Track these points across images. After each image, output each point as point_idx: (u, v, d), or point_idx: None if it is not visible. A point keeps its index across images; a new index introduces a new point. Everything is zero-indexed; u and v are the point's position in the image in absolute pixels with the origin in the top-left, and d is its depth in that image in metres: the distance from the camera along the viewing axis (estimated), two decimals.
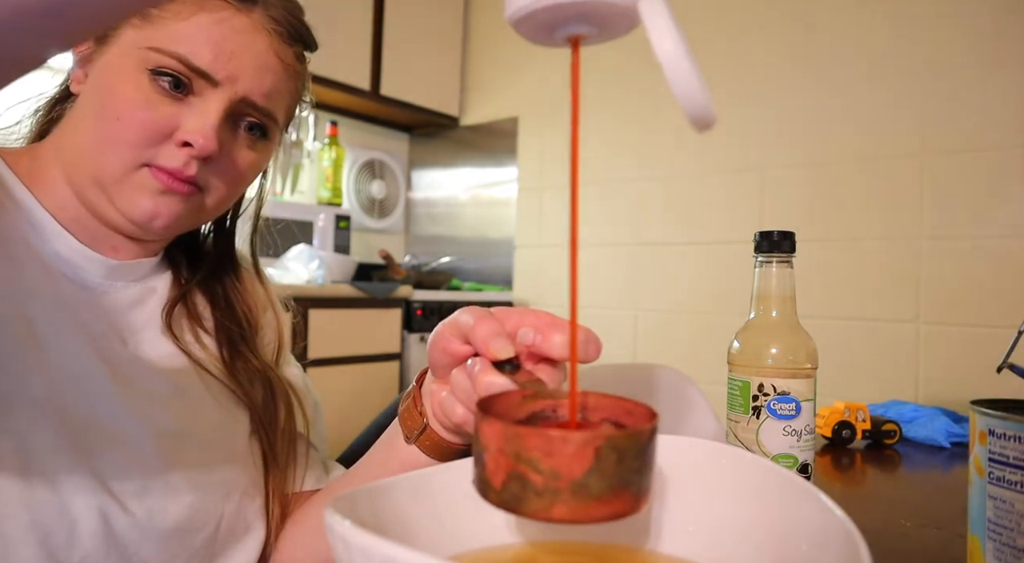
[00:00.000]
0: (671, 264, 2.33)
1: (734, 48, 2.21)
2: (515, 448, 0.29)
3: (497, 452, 0.30)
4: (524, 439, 0.29)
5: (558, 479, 0.28)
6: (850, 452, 0.96)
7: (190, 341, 0.61)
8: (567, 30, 0.30)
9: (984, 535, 0.42)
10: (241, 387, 0.62)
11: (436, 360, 0.47)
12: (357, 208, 2.87)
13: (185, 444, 0.55)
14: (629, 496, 0.30)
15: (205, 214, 0.58)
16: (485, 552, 0.37)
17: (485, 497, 0.31)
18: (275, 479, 0.61)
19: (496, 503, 0.30)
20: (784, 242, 0.60)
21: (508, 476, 0.29)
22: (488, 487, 0.30)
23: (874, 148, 1.95)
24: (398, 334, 2.32)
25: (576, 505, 0.29)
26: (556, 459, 0.28)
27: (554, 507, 0.29)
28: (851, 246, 1.98)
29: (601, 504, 0.29)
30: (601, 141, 2.52)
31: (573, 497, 0.29)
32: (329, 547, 0.29)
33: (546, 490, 0.29)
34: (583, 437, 0.28)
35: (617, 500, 0.29)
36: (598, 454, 0.28)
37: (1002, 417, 0.41)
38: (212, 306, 0.65)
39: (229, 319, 0.64)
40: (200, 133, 0.52)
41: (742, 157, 2.19)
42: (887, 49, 1.94)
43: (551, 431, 0.29)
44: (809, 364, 0.59)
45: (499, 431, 0.30)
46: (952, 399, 1.69)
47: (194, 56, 0.52)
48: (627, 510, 0.30)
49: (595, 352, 0.41)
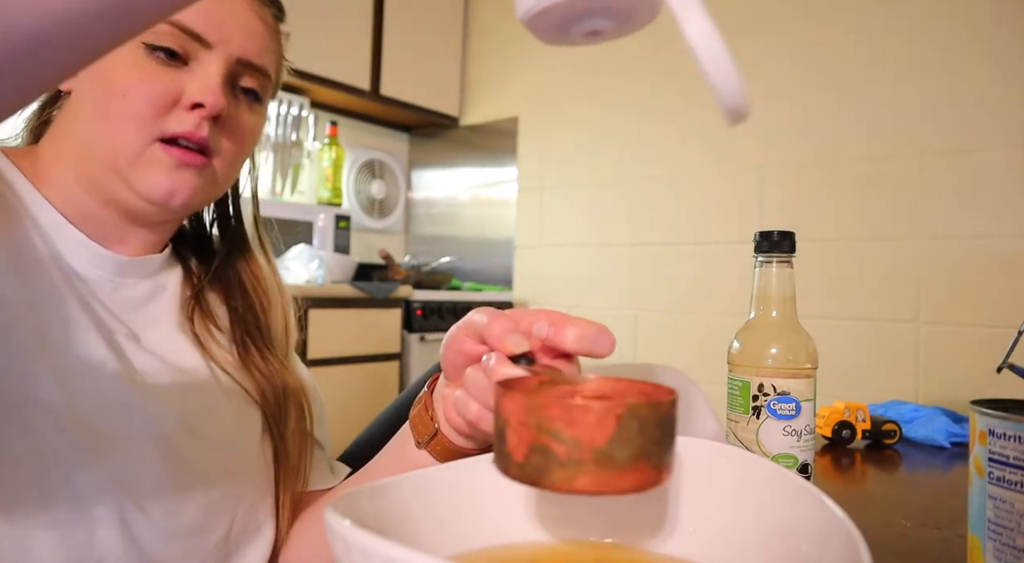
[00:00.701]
0: (671, 264, 2.33)
1: (735, 48, 2.20)
2: (537, 419, 0.29)
3: (519, 425, 0.30)
4: (546, 409, 0.29)
5: (581, 449, 0.29)
6: (850, 452, 0.96)
7: (204, 338, 0.61)
8: (585, 25, 0.29)
9: (984, 535, 0.42)
10: (254, 385, 0.62)
11: (450, 361, 0.47)
12: (357, 208, 2.87)
13: (199, 444, 0.55)
14: (650, 467, 0.30)
15: (218, 186, 0.59)
16: (485, 552, 0.37)
17: (507, 473, 0.31)
18: (286, 478, 0.62)
19: (518, 477, 0.30)
20: (784, 242, 0.60)
21: (530, 448, 0.30)
22: (510, 462, 0.30)
23: (874, 148, 1.95)
24: (398, 334, 2.32)
25: (599, 475, 0.29)
26: (578, 428, 0.28)
27: (577, 477, 0.29)
28: (851, 246, 1.98)
29: (624, 474, 0.29)
30: (602, 141, 2.52)
31: (596, 467, 0.29)
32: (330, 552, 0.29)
33: (569, 460, 0.29)
34: (604, 406, 0.29)
35: (639, 470, 0.29)
36: (620, 422, 0.28)
37: (1002, 417, 0.41)
38: (227, 298, 0.65)
39: (244, 307, 0.65)
40: (208, 92, 0.53)
41: (742, 157, 2.19)
42: (887, 49, 1.94)
43: (574, 399, 0.29)
44: (809, 364, 0.59)
45: (521, 403, 0.30)
46: (952, 399, 1.68)
47: (186, 20, 0.53)
48: (649, 481, 0.30)
49: (609, 345, 0.41)
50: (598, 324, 0.41)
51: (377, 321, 2.26)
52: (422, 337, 2.37)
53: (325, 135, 2.70)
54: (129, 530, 0.49)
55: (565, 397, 0.31)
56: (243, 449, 0.59)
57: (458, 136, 3.01)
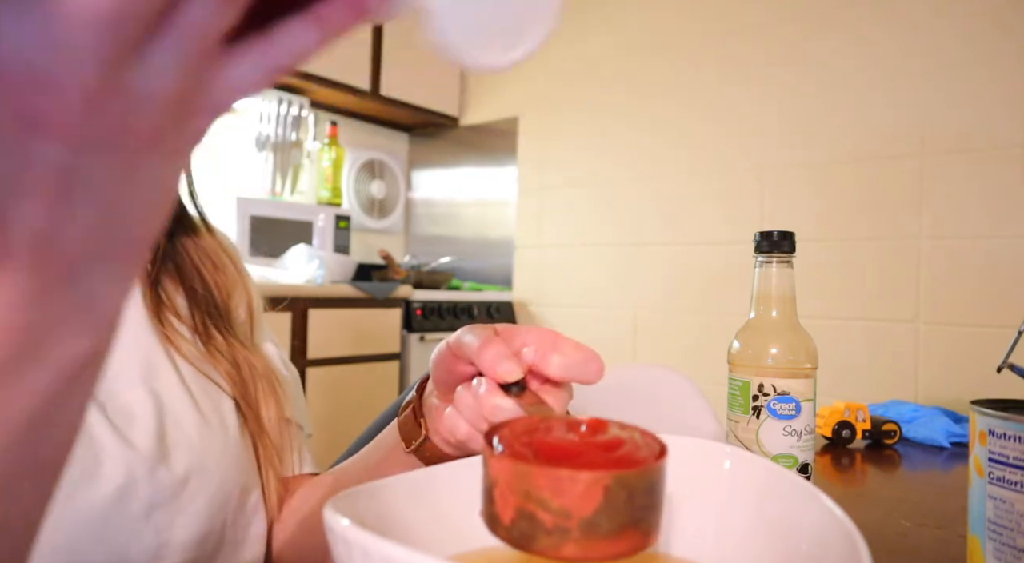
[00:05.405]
0: (671, 264, 2.33)
1: (734, 47, 2.21)
2: (524, 486, 0.29)
3: (506, 488, 0.30)
4: (534, 477, 0.29)
5: (568, 518, 0.28)
6: (850, 452, 0.95)
7: (172, 334, 0.56)
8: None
9: (984, 535, 0.42)
10: (223, 374, 0.58)
11: (440, 378, 0.46)
12: (357, 208, 2.87)
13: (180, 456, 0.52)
14: (639, 533, 0.29)
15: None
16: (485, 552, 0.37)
17: (494, 532, 0.31)
18: (268, 462, 0.59)
19: (505, 539, 0.30)
20: (784, 242, 0.60)
21: (517, 513, 0.29)
22: (497, 522, 0.30)
23: (874, 148, 1.95)
24: (398, 334, 2.32)
25: (586, 544, 0.29)
26: (566, 499, 0.28)
27: (564, 546, 0.29)
28: (851, 246, 1.98)
29: (611, 542, 0.29)
30: (602, 141, 2.52)
31: (583, 536, 0.28)
32: (323, 538, 0.29)
33: (555, 529, 0.28)
34: (592, 476, 0.28)
35: (627, 538, 0.29)
36: (607, 493, 0.28)
37: (1002, 417, 0.41)
38: (182, 280, 0.60)
39: (202, 288, 0.60)
40: None
41: (742, 157, 2.19)
42: (887, 49, 1.94)
43: (561, 471, 0.28)
44: (809, 364, 0.59)
45: (508, 468, 0.30)
46: (952, 399, 1.69)
47: None
48: (637, 547, 0.30)
49: (596, 372, 0.40)
50: (586, 350, 0.40)
51: (377, 321, 2.26)
52: (422, 337, 2.37)
53: (325, 135, 2.70)
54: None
55: (552, 462, 0.30)
56: (220, 448, 0.56)
57: (458, 136, 3.01)
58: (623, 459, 0.32)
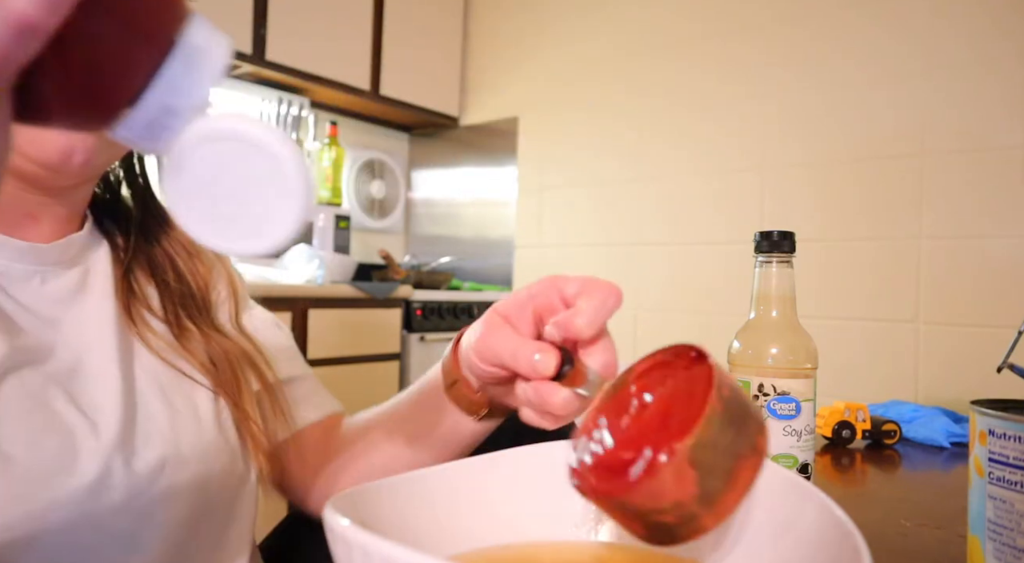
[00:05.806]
0: (671, 264, 2.33)
1: (734, 47, 2.21)
2: (632, 509, 0.30)
3: (621, 519, 0.31)
4: (631, 498, 0.29)
5: (682, 506, 0.29)
6: (850, 452, 0.95)
7: (141, 329, 0.56)
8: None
9: (984, 535, 0.42)
10: (199, 368, 0.57)
11: (481, 375, 0.50)
12: (357, 208, 2.87)
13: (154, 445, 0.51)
14: (749, 454, 0.30)
15: (118, 145, 0.52)
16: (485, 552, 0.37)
17: (647, 543, 0.32)
18: (255, 440, 0.58)
19: (657, 545, 0.31)
20: (784, 242, 0.60)
21: (645, 527, 0.30)
22: (640, 538, 0.31)
23: (874, 148, 1.95)
24: (398, 334, 2.32)
25: (715, 507, 0.29)
26: (666, 495, 0.29)
27: (700, 523, 0.29)
28: (851, 246, 1.98)
29: (731, 487, 0.29)
30: (602, 141, 2.52)
31: (706, 506, 0.29)
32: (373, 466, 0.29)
33: (683, 519, 0.29)
34: (672, 464, 0.28)
35: (743, 470, 0.30)
36: (694, 462, 0.28)
37: (1002, 417, 0.41)
38: (153, 272, 0.59)
39: (175, 279, 0.59)
40: None
41: (742, 157, 2.19)
42: (887, 49, 1.94)
43: (642, 482, 0.29)
44: (809, 364, 0.59)
45: (606, 507, 0.31)
46: (952, 399, 1.69)
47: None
48: (756, 465, 0.30)
49: (615, 302, 0.46)
50: (593, 290, 0.46)
51: (377, 321, 2.26)
52: (422, 337, 2.37)
53: (325, 135, 2.70)
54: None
55: (631, 479, 0.30)
56: (195, 437, 0.54)
57: (458, 136, 3.01)
58: (682, 416, 0.31)
